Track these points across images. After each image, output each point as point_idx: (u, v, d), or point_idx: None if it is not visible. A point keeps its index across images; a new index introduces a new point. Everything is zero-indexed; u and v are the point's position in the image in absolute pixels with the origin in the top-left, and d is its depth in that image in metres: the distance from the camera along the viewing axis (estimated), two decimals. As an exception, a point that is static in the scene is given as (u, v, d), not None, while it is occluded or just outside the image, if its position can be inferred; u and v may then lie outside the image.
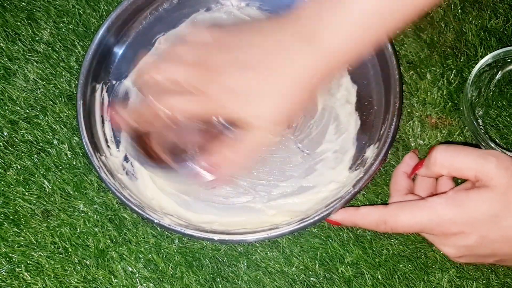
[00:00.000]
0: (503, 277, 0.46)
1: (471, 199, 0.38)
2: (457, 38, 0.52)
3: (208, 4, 0.53)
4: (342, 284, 0.46)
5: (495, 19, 0.52)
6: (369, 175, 0.45)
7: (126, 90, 0.51)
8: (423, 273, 0.47)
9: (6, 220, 0.48)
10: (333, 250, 0.47)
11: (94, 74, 0.50)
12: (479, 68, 0.48)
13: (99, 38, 0.49)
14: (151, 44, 0.52)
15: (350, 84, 0.50)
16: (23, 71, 0.52)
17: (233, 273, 0.47)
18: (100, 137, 0.49)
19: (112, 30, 0.50)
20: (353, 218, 0.44)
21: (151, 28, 0.53)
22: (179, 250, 0.47)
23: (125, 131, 0.48)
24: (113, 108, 0.49)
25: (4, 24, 0.53)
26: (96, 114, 0.49)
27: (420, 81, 0.51)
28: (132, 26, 0.52)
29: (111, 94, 0.51)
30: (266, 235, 0.44)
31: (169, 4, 0.53)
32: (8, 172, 0.49)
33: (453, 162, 0.40)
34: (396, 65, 0.48)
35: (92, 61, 0.49)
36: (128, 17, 0.51)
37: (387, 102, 0.48)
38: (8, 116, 0.51)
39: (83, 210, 0.48)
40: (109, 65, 0.51)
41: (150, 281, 0.47)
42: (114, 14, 0.50)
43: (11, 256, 0.47)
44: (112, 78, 0.51)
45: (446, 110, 0.50)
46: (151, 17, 0.53)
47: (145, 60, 0.51)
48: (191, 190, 0.48)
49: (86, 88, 0.49)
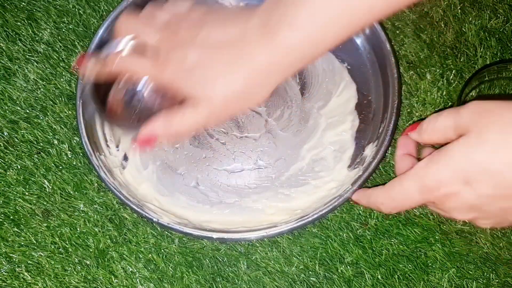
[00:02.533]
0: (503, 277, 0.46)
1: (449, 151, 0.35)
2: (457, 38, 0.52)
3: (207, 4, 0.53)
4: (342, 284, 0.46)
5: (495, 19, 0.52)
6: (368, 173, 0.45)
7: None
8: (423, 273, 0.47)
9: (6, 220, 0.48)
10: (333, 250, 0.47)
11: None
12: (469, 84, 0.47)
13: (98, 38, 0.49)
14: None
15: (349, 82, 0.51)
16: (23, 71, 0.52)
17: (233, 273, 0.47)
18: (99, 137, 0.49)
19: (111, 29, 0.50)
20: (362, 201, 0.43)
21: None
22: (179, 250, 0.47)
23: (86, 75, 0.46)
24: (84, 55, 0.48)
25: (4, 24, 0.53)
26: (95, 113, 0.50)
27: (420, 81, 0.51)
28: None
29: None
30: (265, 233, 0.44)
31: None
32: (8, 172, 0.49)
33: (435, 124, 0.38)
34: (394, 63, 0.48)
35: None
36: None
37: (386, 101, 0.49)
38: (8, 116, 0.51)
39: (83, 210, 0.48)
40: None
41: (150, 281, 0.47)
42: (114, 14, 0.50)
43: (11, 256, 0.47)
44: None
45: (446, 110, 0.50)
46: None
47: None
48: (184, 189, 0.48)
49: (85, 87, 0.49)
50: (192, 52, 0.39)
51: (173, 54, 0.40)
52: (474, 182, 0.34)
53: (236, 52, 0.38)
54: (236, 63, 0.38)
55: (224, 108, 0.40)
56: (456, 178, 0.35)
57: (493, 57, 0.51)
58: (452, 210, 0.37)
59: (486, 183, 0.34)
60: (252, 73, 0.38)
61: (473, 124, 0.34)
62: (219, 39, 0.39)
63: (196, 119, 0.40)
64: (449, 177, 0.35)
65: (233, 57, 0.38)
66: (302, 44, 0.37)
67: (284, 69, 0.38)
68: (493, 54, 0.51)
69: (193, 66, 0.39)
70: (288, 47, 0.37)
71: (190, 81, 0.39)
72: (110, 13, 0.50)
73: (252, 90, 0.39)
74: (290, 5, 0.36)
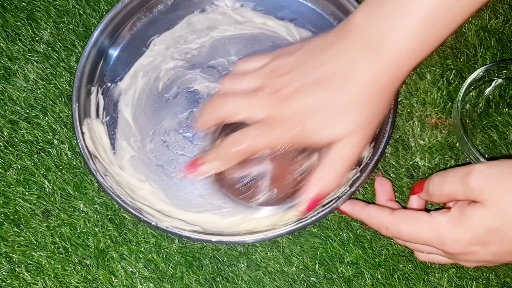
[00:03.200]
0: (503, 277, 0.46)
1: (470, 217, 0.37)
2: (457, 38, 0.52)
3: (203, 6, 0.53)
4: (342, 284, 0.46)
5: (495, 19, 0.52)
6: (366, 174, 0.45)
7: (121, 92, 0.51)
8: (423, 273, 0.47)
9: (6, 220, 0.48)
10: (333, 250, 0.47)
11: (89, 76, 0.50)
12: (469, 83, 0.48)
13: (93, 40, 0.49)
14: (146, 46, 0.52)
15: None
16: (23, 71, 0.52)
17: (233, 273, 0.47)
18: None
19: (106, 32, 0.50)
20: (359, 215, 0.44)
21: (145, 30, 0.53)
22: (179, 250, 0.47)
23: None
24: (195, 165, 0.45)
25: (4, 24, 0.53)
26: (92, 116, 0.49)
27: (420, 81, 0.51)
28: (126, 28, 0.52)
29: (106, 97, 0.51)
30: (264, 235, 0.44)
31: (163, 5, 0.53)
32: (8, 172, 0.49)
33: (441, 190, 0.39)
34: None
35: (86, 63, 0.49)
36: (123, 19, 0.51)
37: None
38: (8, 116, 0.51)
39: (83, 210, 0.48)
40: (104, 68, 0.51)
41: (150, 281, 0.47)
42: (109, 16, 0.50)
43: (11, 256, 0.47)
44: (107, 81, 0.51)
45: (446, 110, 0.50)
46: (146, 19, 0.53)
47: (140, 62, 0.52)
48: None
49: (81, 90, 0.49)
50: (302, 98, 0.39)
51: (284, 109, 0.39)
52: (491, 244, 0.37)
53: (346, 74, 0.38)
54: (349, 88, 0.38)
55: (364, 141, 0.40)
56: (475, 242, 0.37)
57: (493, 57, 0.51)
58: (463, 262, 0.40)
59: (503, 244, 0.37)
60: (368, 89, 0.38)
61: (483, 192, 0.37)
62: (319, 73, 0.39)
63: (351, 160, 0.40)
64: (469, 241, 0.37)
65: (344, 82, 0.38)
66: (409, 49, 0.37)
67: (396, 77, 0.39)
68: (493, 54, 0.51)
69: (312, 110, 0.38)
70: (396, 55, 0.37)
71: (330, 126, 0.39)
72: (104, 15, 0.50)
73: (376, 110, 0.39)
74: (388, 13, 0.36)
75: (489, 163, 0.38)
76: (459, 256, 0.39)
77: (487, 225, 0.36)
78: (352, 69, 0.38)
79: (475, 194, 0.37)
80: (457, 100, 0.47)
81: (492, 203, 0.36)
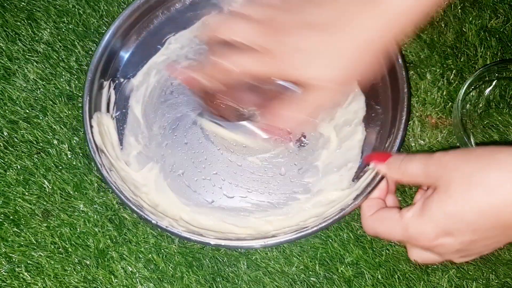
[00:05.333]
0: (503, 277, 0.46)
1: (429, 206, 0.37)
2: (457, 38, 0.52)
3: (220, 7, 0.53)
4: (342, 284, 0.46)
5: (495, 19, 0.52)
6: (372, 188, 0.44)
7: (133, 88, 0.51)
8: (423, 273, 0.47)
9: (6, 220, 0.48)
10: (333, 250, 0.47)
11: (103, 70, 0.50)
12: (469, 83, 0.48)
13: (109, 35, 0.49)
14: (161, 44, 0.52)
15: (358, 94, 0.50)
16: (23, 71, 0.52)
17: (233, 273, 0.47)
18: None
19: (123, 27, 0.50)
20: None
21: (162, 27, 0.53)
22: (179, 250, 0.47)
23: (196, 89, 0.46)
24: (183, 70, 0.48)
25: (4, 24, 0.53)
26: (102, 110, 0.50)
27: (420, 81, 0.51)
28: (143, 25, 0.52)
29: (118, 92, 0.51)
30: (263, 242, 0.44)
31: (181, 4, 0.53)
32: (8, 172, 0.49)
33: (406, 169, 0.40)
34: (405, 78, 0.47)
35: (102, 57, 0.49)
36: (140, 16, 0.51)
37: (394, 115, 0.48)
38: (8, 116, 0.51)
39: (83, 210, 0.48)
40: (118, 63, 0.52)
41: (150, 281, 0.47)
42: (126, 12, 0.50)
43: (11, 256, 0.47)
44: (120, 76, 0.51)
45: (446, 110, 0.50)
46: (163, 16, 0.53)
47: (154, 59, 0.52)
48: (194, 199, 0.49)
49: (94, 84, 0.49)
50: (296, 37, 0.39)
51: (279, 44, 0.39)
52: (454, 232, 0.37)
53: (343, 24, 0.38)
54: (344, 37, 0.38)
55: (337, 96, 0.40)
56: (438, 233, 0.37)
57: (493, 57, 0.51)
58: (443, 255, 0.40)
59: (464, 231, 0.37)
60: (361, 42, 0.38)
61: (439, 178, 0.37)
62: (318, 18, 0.39)
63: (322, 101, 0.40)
64: (433, 232, 0.38)
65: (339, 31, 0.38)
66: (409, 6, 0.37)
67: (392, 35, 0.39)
68: (493, 54, 0.51)
69: (302, 50, 0.39)
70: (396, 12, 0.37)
71: (302, 66, 0.39)
72: (122, 11, 0.50)
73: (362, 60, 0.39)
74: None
75: (449, 150, 0.38)
76: (434, 250, 0.39)
77: (444, 210, 0.36)
78: (350, 19, 0.38)
79: (433, 180, 0.38)
80: (458, 100, 0.47)
81: (447, 188, 0.36)
